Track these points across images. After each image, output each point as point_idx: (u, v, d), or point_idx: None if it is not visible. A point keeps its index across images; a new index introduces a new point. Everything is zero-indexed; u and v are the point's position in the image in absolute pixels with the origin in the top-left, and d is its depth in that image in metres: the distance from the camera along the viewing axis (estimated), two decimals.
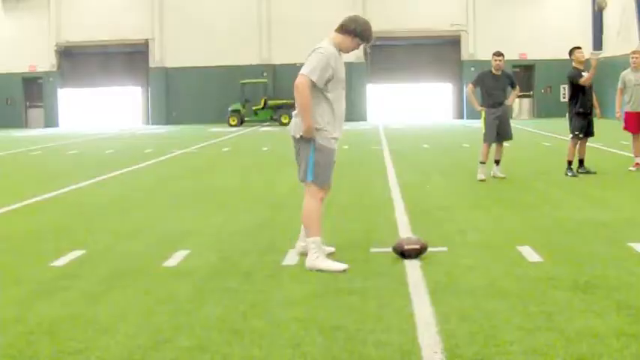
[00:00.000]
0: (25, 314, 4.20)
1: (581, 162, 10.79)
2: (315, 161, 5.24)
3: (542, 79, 33.60)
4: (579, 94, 10.60)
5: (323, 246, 5.55)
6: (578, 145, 10.73)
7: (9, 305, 4.41)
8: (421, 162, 13.43)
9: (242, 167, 13.36)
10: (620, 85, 11.46)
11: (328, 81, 5.19)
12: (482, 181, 10.13)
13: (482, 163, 10.43)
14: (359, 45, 5.39)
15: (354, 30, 5.31)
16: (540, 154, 14.97)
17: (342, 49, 5.35)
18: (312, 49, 5.28)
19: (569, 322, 3.83)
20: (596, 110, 10.99)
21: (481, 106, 10.64)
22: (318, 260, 5.12)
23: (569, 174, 10.50)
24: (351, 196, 8.48)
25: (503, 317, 3.94)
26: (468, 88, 11.12)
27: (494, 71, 10.50)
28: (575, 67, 10.68)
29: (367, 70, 34.39)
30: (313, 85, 5.14)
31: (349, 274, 4.98)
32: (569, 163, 10.62)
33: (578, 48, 10.92)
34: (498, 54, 10.58)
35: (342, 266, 5.10)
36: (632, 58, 11.53)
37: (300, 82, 5.12)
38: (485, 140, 10.53)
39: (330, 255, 5.39)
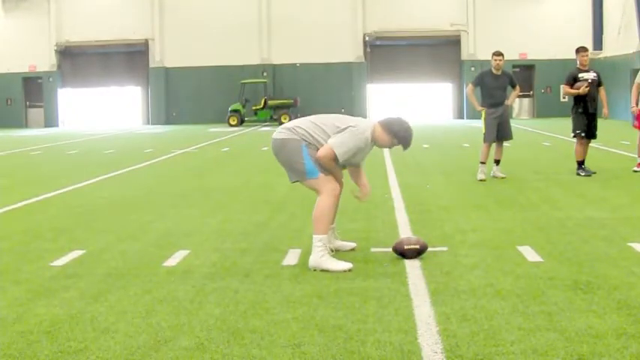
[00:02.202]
0: (25, 314, 4.20)
1: (581, 163, 10.74)
2: (309, 156, 5.23)
3: (542, 79, 33.62)
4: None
5: (345, 242, 5.76)
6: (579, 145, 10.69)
7: (9, 305, 4.41)
8: (421, 162, 13.42)
9: (242, 167, 13.36)
10: (638, 79, 10.92)
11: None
12: (482, 181, 10.13)
13: (483, 163, 10.44)
14: (394, 145, 5.42)
15: (397, 132, 5.37)
16: (540, 154, 14.96)
17: (376, 141, 5.39)
18: (351, 125, 5.25)
19: (569, 322, 3.83)
20: (604, 110, 10.84)
21: (481, 106, 10.65)
22: (323, 259, 5.11)
23: (582, 174, 10.43)
24: (350, 195, 8.47)
25: (503, 317, 3.95)
26: (467, 88, 11.12)
27: (494, 71, 10.50)
28: (577, 68, 10.66)
29: (367, 70, 34.40)
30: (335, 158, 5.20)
31: (349, 274, 4.99)
32: (579, 163, 10.58)
33: (584, 50, 10.82)
34: (498, 53, 10.57)
35: (346, 265, 5.09)
36: None
37: (325, 155, 5.16)
38: (485, 140, 10.53)
39: (333, 252, 5.37)
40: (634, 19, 27.57)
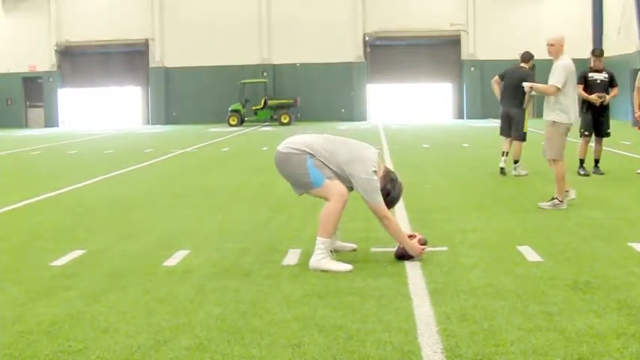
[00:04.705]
0: (25, 314, 4.20)
1: (595, 162, 10.78)
2: (314, 166, 5.26)
3: (542, 79, 33.34)
4: (587, 92, 10.65)
5: (346, 243, 5.78)
6: (594, 145, 10.77)
7: (9, 305, 4.41)
8: (421, 162, 13.42)
9: (242, 167, 13.36)
10: (638, 83, 10.92)
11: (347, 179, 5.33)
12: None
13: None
14: (385, 191, 5.39)
15: (389, 191, 5.38)
16: (540, 153, 14.93)
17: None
18: (368, 176, 5.26)
19: (569, 322, 3.83)
20: (607, 96, 10.68)
21: (525, 106, 11.05)
22: (323, 262, 5.12)
23: (581, 172, 10.51)
24: (351, 195, 8.46)
25: (503, 317, 3.95)
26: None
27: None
28: (589, 67, 10.79)
29: (367, 70, 34.40)
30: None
31: (349, 274, 4.99)
32: (580, 161, 10.66)
33: (596, 54, 10.90)
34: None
35: (347, 267, 5.10)
36: None
37: (385, 213, 5.30)
38: (524, 139, 11.11)
39: (334, 254, 5.38)
40: (634, 20, 27.56)
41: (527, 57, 11.36)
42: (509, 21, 33.13)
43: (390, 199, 5.41)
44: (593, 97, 10.52)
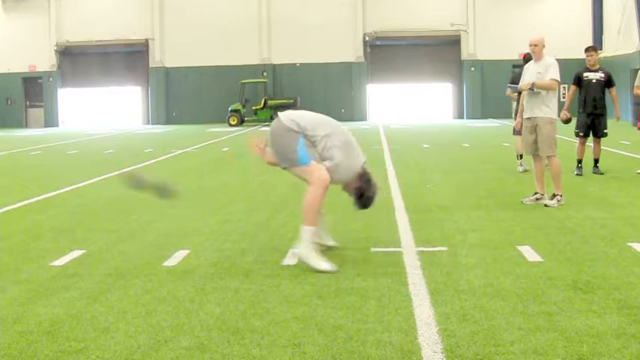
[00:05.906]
0: (25, 314, 4.20)
1: (594, 162, 10.80)
2: (304, 145, 5.23)
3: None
4: (582, 92, 10.66)
5: (328, 235, 5.75)
6: (593, 145, 10.78)
7: (9, 305, 4.41)
8: (421, 162, 13.42)
9: (242, 167, 13.35)
10: (637, 83, 10.90)
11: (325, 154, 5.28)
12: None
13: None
14: (355, 193, 5.38)
15: (364, 191, 5.36)
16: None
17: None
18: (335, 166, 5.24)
19: (569, 322, 3.83)
20: (615, 112, 10.84)
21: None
22: (312, 255, 5.11)
23: (575, 172, 10.57)
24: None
25: (503, 317, 3.95)
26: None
27: None
28: (585, 67, 10.78)
29: (367, 70, 34.41)
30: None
31: (349, 274, 4.99)
32: (578, 161, 10.70)
33: (589, 50, 10.88)
34: None
35: (327, 266, 5.06)
36: None
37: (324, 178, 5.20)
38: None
39: (330, 251, 5.37)
40: (634, 20, 27.58)
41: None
42: (509, 21, 33.14)
43: (365, 199, 5.37)
44: (563, 116, 10.41)
